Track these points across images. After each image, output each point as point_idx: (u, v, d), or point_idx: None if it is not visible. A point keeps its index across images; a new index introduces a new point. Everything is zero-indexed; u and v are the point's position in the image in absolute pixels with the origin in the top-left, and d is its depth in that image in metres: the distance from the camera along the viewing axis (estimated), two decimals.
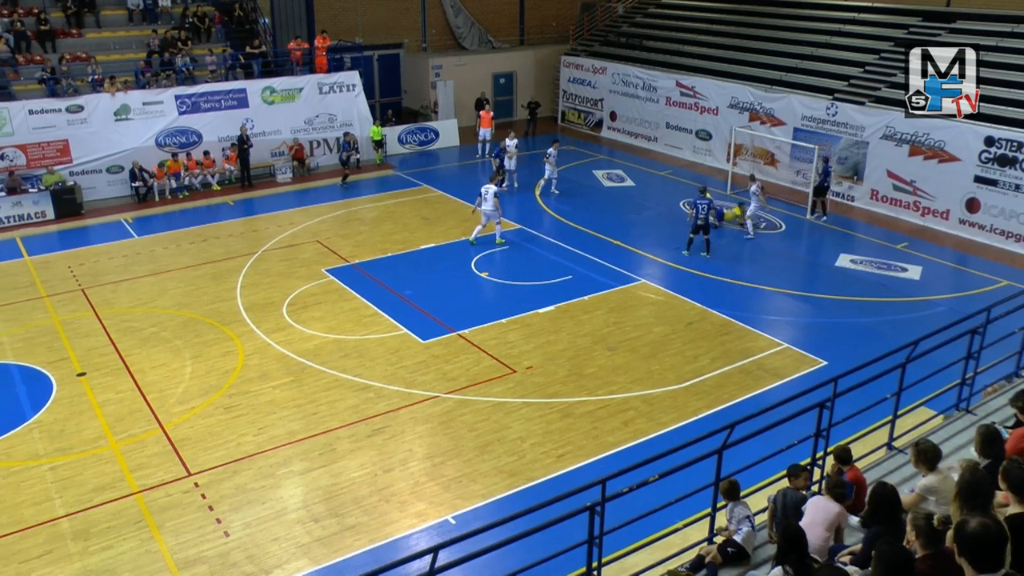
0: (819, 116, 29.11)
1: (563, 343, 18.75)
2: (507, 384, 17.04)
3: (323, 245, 24.48)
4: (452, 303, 20.64)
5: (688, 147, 34.23)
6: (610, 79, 37.27)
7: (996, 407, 11.20)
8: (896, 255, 24.19)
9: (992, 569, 4.41)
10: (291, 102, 31.60)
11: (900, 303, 20.88)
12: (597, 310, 20.41)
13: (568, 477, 13.86)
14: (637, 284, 21.94)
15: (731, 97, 32.12)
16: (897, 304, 20.83)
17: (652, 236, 24.89)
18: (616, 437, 15.21)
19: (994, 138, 24.53)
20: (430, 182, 30.94)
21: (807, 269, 23.45)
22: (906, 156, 26.65)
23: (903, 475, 9.72)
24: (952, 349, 11.14)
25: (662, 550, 9.23)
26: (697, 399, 16.53)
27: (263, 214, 27.53)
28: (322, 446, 14.98)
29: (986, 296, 19.99)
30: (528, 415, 15.95)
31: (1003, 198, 24.56)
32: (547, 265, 22.98)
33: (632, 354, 18.34)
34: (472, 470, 14.33)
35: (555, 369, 17.63)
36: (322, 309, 20.28)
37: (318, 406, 16.21)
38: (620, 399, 16.54)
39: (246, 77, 31.32)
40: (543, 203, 28.46)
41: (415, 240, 24.93)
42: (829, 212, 27.48)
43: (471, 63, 39.42)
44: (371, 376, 17.28)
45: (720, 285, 21.98)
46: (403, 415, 15.95)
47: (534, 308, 20.37)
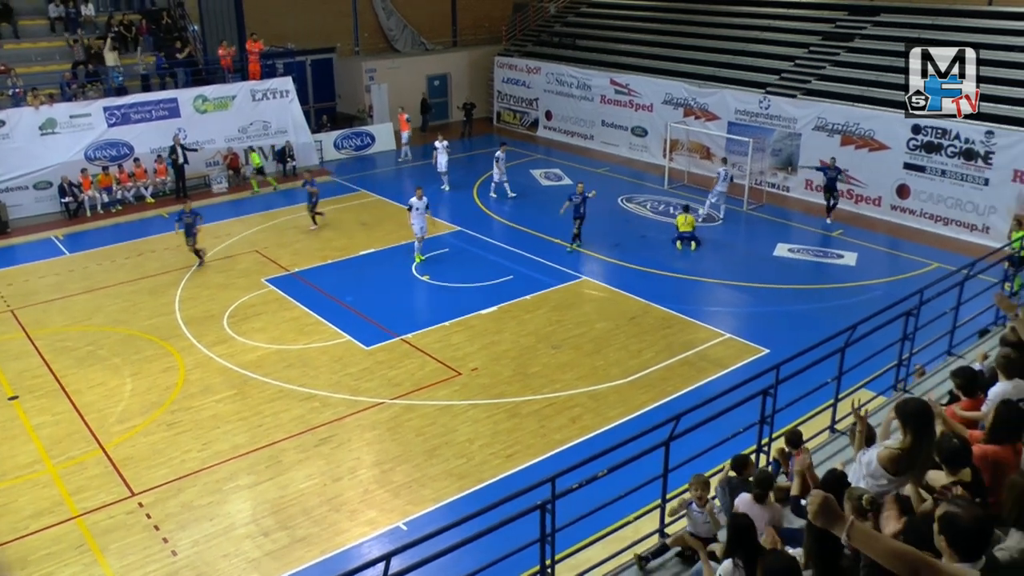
0: (752, 110, 29.53)
1: (507, 343, 18.76)
2: (453, 387, 17.00)
3: (262, 255, 24.18)
4: (394, 308, 20.53)
5: (624, 144, 34.48)
6: (544, 79, 37.40)
7: (931, 386, 11.46)
8: (832, 242, 24.66)
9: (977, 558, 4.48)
10: (224, 110, 31.15)
11: (837, 289, 21.28)
12: (539, 309, 20.46)
13: (518, 476, 13.88)
14: (578, 281, 22.04)
15: (665, 93, 32.43)
16: (835, 290, 21.22)
17: (591, 233, 25.01)
18: (564, 434, 15.27)
19: (920, 126, 25.14)
20: (368, 187, 30.74)
21: (746, 260, 23.77)
22: (838, 146, 27.16)
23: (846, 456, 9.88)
24: (888, 332, 11.37)
25: (615, 543, 9.26)
26: (642, 392, 16.65)
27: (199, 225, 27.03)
28: (268, 458, 14.80)
29: (919, 279, 20.42)
30: (475, 417, 15.93)
31: (931, 183, 25.18)
32: (488, 266, 22.99)
33: (576, 351, 18.42)
34: (421, 475, 14.27)
35: (500, 369, 17.64)
36: (263, 320, 20.03)
37: (263, 418, 16.01)
38: (566, 396, 16.60)
39: (177, 86, 30.80)
40: (481, 204, 28.46)
41: (354, 246, 24.75)
42: (765, 203, 27.92)
43: (405, 66, 39.27)
44: (315, 385, 17.12)
45: (661, 279, 22.18)
46: (349, 423, 15.82)
47: (476, 310, 20.35)
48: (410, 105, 38.90)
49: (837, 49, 29.79)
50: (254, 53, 31.70)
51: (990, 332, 13.17)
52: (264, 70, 32.28)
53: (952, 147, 24.52)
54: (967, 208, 24.50)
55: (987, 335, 13.10)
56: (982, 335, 13.26)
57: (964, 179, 24.46)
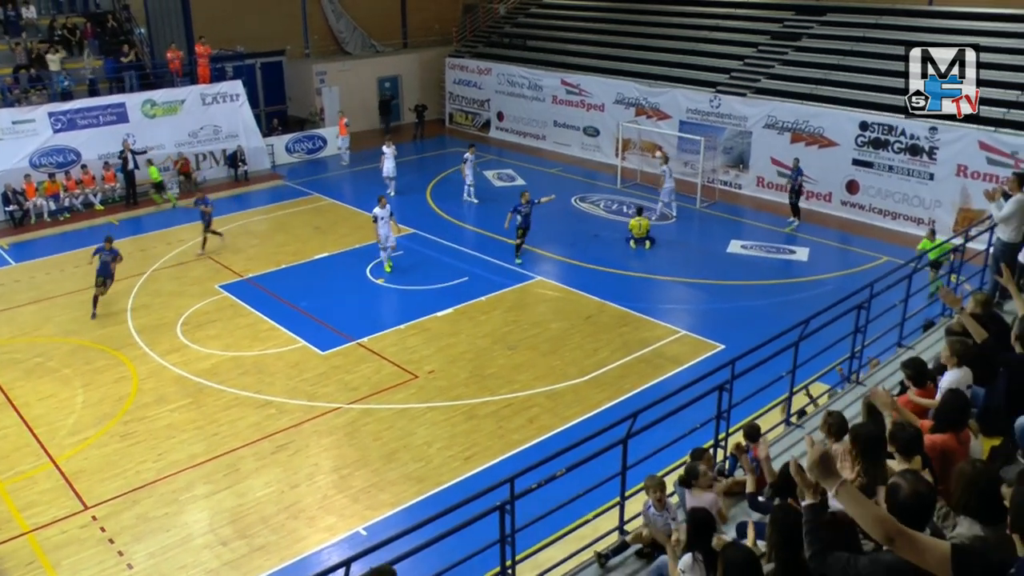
0: (703, 108, 29.81)
1: (463, 345, 18.76)
2: (410, 390, 16.96)
3: (215, 261, 23.92)
4: (349, 312, 20.44)
5: (576, 144, 34.62)
6: (496, 79, 37.43)
7: (883, 377, 11.66)
8: (784, 238, 24.99)
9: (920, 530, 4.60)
10: (173, 115, 30.75)
11: (790, 284, 21.57)
12: (495, 310, 20.49)
13: (477, 478, 13.88)
14: (533, 281, 22.10)
15: (616, 93, 32.62)
16: (788, 285, 21.52)
17: (545, 233, 25.09)
18: (522, 435, 15.30)
19: (868, 123, 25.60)
20: (320, 191, 30.54)
21: (700, 257, 24.00)
22: (788, 143, 27.53)
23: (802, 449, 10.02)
24: (841, 325, 11.55)
25: (574, 542, 9.30)
26: (599, 391, 16.74)
27: (151, 232, 26.73)
28: (225, 467, 14.65)
29: (869, 272, 20.77)
30: (433, 419, 15.91)
31: (879, 179, 25.64)
32: (442, 268, 22.95)
33: (532, 351, 18.47)
34: (380, 479, 14.23)
35: (457, 371, 17.63)
36: (217, 327, 19.83)
37: (219, 426, 15.84)
38: (523, 397, 16.64)
39: (124, 90, 30.34)
40: (435, 206, 28.41)
41: (308, 250, 24.59)
42: (718, 200, 28.22)
43: (355, 68, 39.07)
44: (272, 392, 16.98)
45: (616, 278, 22.31)
46: (306, 429, 15.72)
47: (432, 312, 20.33)
48: (362, 107, 38.77)
49: (785, 48, 30.19)
50: (203, 57, 31.35)
51: (935, 324, 13.41)
52: (213, 74, 31.95)
53: (898, 143, 24.99)
54: (914, 203, 24.98)
55: (932, 327, 13.35)
56: (927, 328, 13.50)
57: (910, 174, 24.92)
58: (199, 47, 31.52)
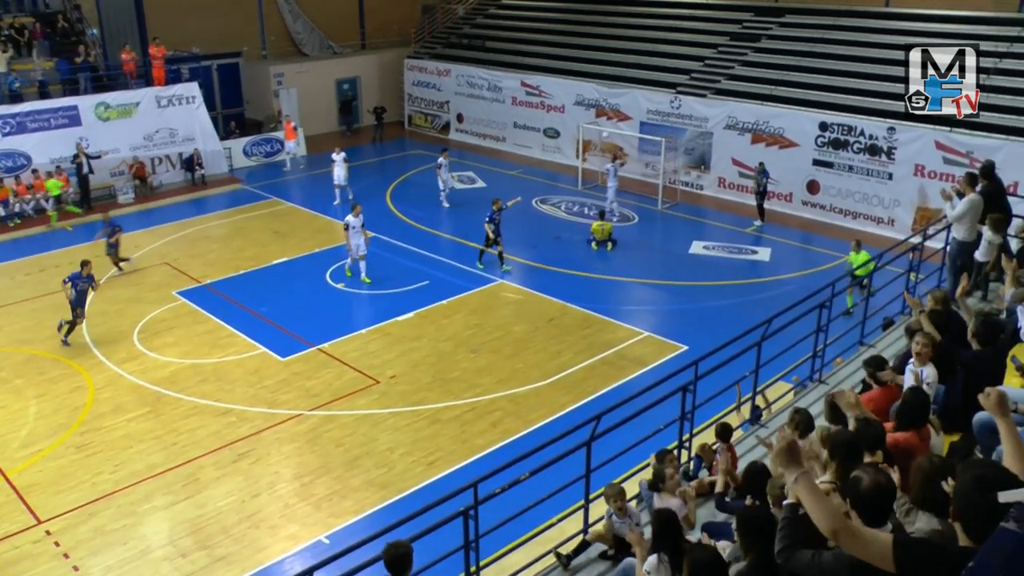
0: (664, 109, 30.00)
1: (425, 349, 18.72)
2: (372, 395, 16.89)
3: (172, 267, 23.66)
4: (310, 317, 20.31)
5: (537, 146, 34.70)
6: (455, 81, 37.41)
7: (845, 375, 11.81)
8: (746, 238, 25.23)
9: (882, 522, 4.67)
10: (128, 118, 30.36)
11: (753, 284, 21.78)
12: (457, 313, 20.47)
13: (440, 484, 13.85)
14: (495, 284, 22.11)
15: (576, 94, 32.73)
16: (750, 285, 21.72)
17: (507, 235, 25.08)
18: (485, 439, 15.30)
19: (827, 123, 25.92)
20: (279, 194, 30.34)
21: (662, 258, 24.15)
22: (749, 144, 27.78)
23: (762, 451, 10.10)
24: (803, 324, 11.68)
25: (539, 546, 9.32)
26: (563, 394, 16.79)
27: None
28: (185, 477, 14.49)
29: (830, 272, 21.03)
30: (395, 425, 15.86)
31: (839, 179, 25.96)
32: (403, 272, 22.88)
33: (495, 354, 18.47)
34: (342, 486, 14.15)
35: (419, 376, 17.59)
36: (175, 334, 19.61)
37: (178, 435, 15.67)
38: (487, 400, 16.64)
39: (76, 93, 29.90)
40: (395, 209, 28.32)
41: (268, 255, 24.40)
42: (679, 201, 28.41)
43: (313, 69, 38.83)
44: (231, 399, 16.82)
45: (578, 280, 22.38)
46: (267, 437, 15.59)
47: (393, 316, 20.27)
48: (320, 109, 38.56)
49: (745, 49, 30.47)
50: (158, 58, 31.01)
51: (895, 323, 13.60)
52: (169, 75, 31.62)
53: (857, 143, 25.32)
54: (873, 202, 25.32)
55: (892, 326, 13.54)
56: (887, 326, 13.68)
57: (870, 174, 25.26)
58: (153, 48, 31.16)
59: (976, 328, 8.86)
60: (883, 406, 8.13)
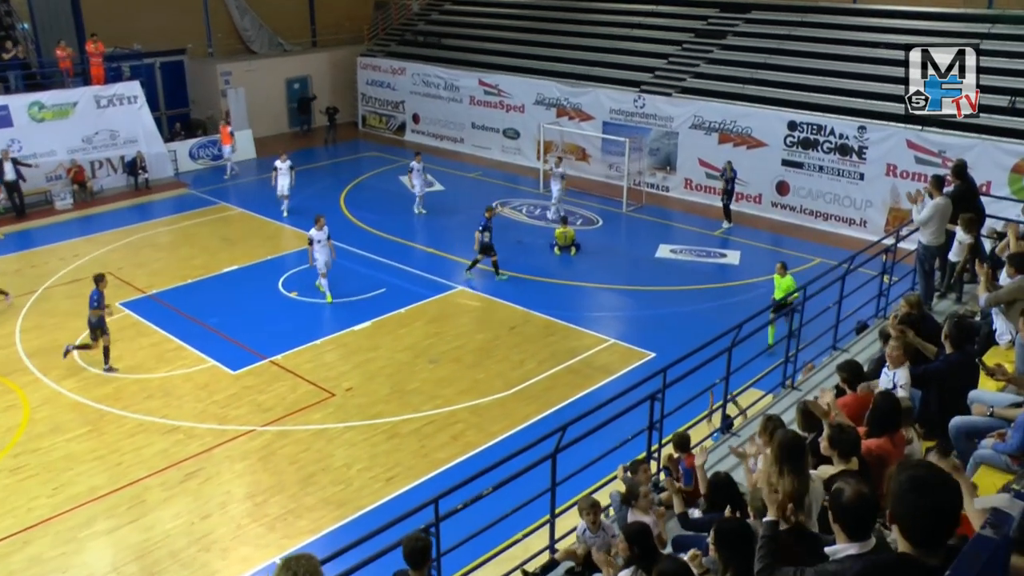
0: (627, 109, 30.19)
1: (383, 360, 18.66)
2: (327, 409, 16.81)
3: (115, 277, 23.28)
4: (261, 328, 20.15)
5: (496, 147, 34.76)
6: (410, 80, 37.36)
7: (818, 381, 11.95)
8: (714, 241, 25.45)
9: (866, 535, 4.71)
10: (64, 118, 29.90)
11: (722, 288, 21.97)
12: (415, 322, 20.44)
13: (400, 500, 13.81)
14: (455, 292, 22.11)
15: (537, 93, 32.83)
16: (719, 290, 21.91)
17: (466, 241, 25.10)
18: (446, 453, 15.28)
19: (796, 122, 26.22)
20: (228, 199, 30.10)
21: (627, 262, 24.28)
22: (716, 144, 28.03)
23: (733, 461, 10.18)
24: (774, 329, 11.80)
25: (504, 563, 9.33)
26: (527, 404, 16.81)
27: (42, 247, 25.94)
28: (130, 499, 14.29)
29: (801, 275, 21.23)
30: (352, 440, 15.79)
31: (809, 179, 26.26)
32: (358, 279, 22.78)
33: (456, 364, 18.46)
34: (297, 505, 14.05)
35: (376, 388, 17.53)
36: (119, 348, 19.33)
37: (122, 455, 15.46)
38: (447, 412, 16.62)
39: (7, 91, 29.41)
40: (349, 213, 28.22)
41: (216, 263, 24.19)
42: (645, 203, 28.58)
43: (262, 68, 38.59)
44: (179, 416, 16.65)
45: (540, 286, 22.45)
46: (218, 454, 15.45)
47: (349, 326, 20.18)
48: (270, 110, 38.31)
49: (710, 46, 30.75)
50: (96, 55, 30.57)
51: (868, 327, 13.79)
52: (109, 74, 31.21)
53: (827, 143, 25.63)
54: (845, 203, 25.65)
55: (866, 330, 13.73)
56: (860, 330, 13.86)
57: (840, 174, 25.59)
58: (91, 45, 30.69)
59: (949, 330, 9.02)
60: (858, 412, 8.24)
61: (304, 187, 29.34)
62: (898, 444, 7.57)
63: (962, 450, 7.94)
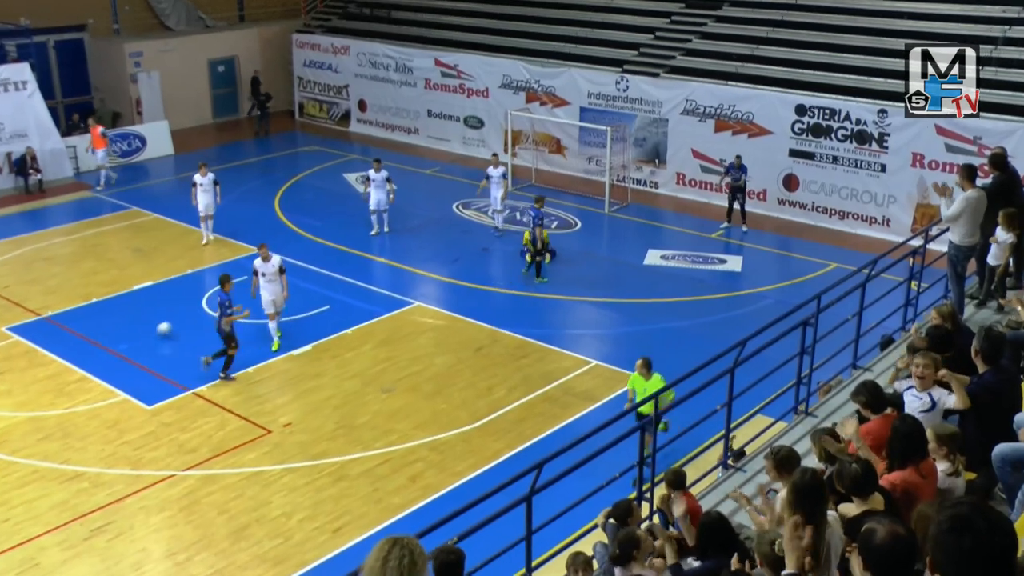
0: (608, 92, 30.33)
1: (327, 389, 18.61)
2: (262, 448, 16.72)
3: (1, 296, 23.15)
4: (182, 354, 20.00)
5: (457, 138, 34.84)
6: (355, 60, 37.37)
7: (837, 405, 12.00)
8: (712, 245, 25.56)
9: None
10: None
11: (722, 300, 22.10)
12: (365, 344, 20.40)
13: (349, 554, 13.74)
14: (411, 308, 22.08)
15: (503, 75, 32.93)
16: (719, 301, 22.03)
17: (424, 249, 25.14)
18: (403, 497, 15.24)
19: (806, 106, 26.38)
20: (140, 203, 29.90)
21: (612, 271, 24.36)
22: (712, 132, 28.21)
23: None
24: (784, 346, 11.84)
25: None
26: (496, 439, 16.81)
27: None
28: (20, 562, 14.10)
29: (815, 282, 21.38)
30: (292, 484, 15.70)
31: (822, 172, 26.46)
32: (298, 295, 22.58)
33: (413, 393, 18.44)
34: (228, 563, 13.95)
35: (320, 423, 17.47)
36: (7, 380, 19.16)
37: (11, 509, 15.27)
38: (404, 450, 16.58)
39: None
40: (285, 218, 28.13)
41: (127, 279, 24.02)
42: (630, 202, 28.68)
43: (181, 48, 38.36)
44: (83, 460, 16.49)
45: (510, 299, 22.48)
46: (131, 505, 15.31)
47: (287, 350, 20.11)
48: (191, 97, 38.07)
49: (703, 19, 30.94)
50: None
51: (895, 342, 13.85)
52: None
53: (843, 129, 25.83)
54: (864, 199, 25.85)
55: (891, 345, 13.79)
56: (885, 345, 13.91)
57: (858, 166, 25.81)
58: None
59: (980, 345, 9.05)
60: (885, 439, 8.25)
61: (231, 188, 29.18)
62: (927, 475, 7.58)
63: (1009, 483, 7.98)
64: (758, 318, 16.29)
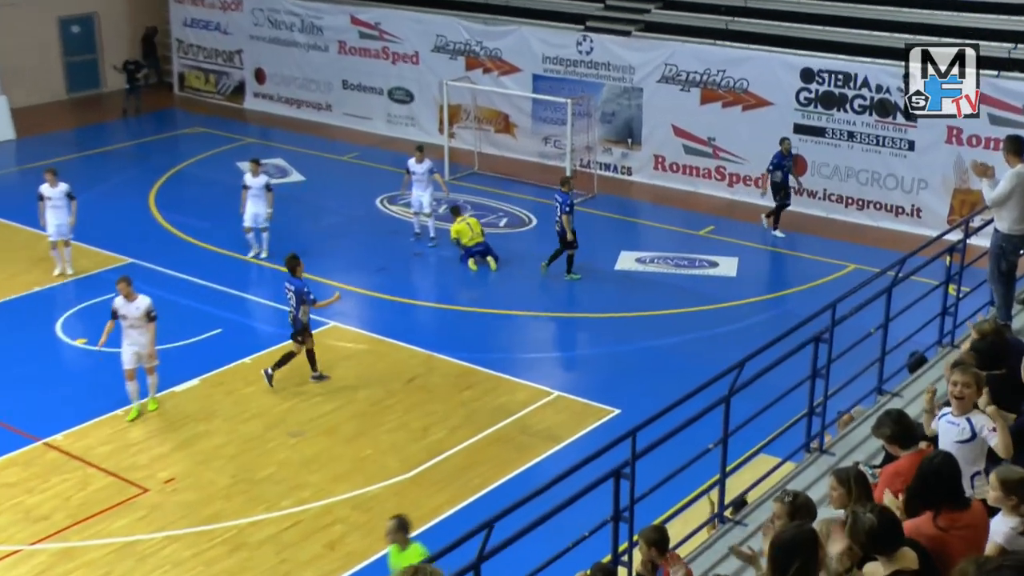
0: (568, 56, 30.42)
1: (220, 435, 18.52)
2: (137, 512, 16.59)
3: None
4: (31, 394, 19.83)
5: (380, 115, 34.87)
6: (250, 18, 37.23)
7: (858, 441, 12.07)
8: (700, 245, 25.70)
9: None
10: None
11: (714, 311, 22.21)
12: None
13: None
14: (325, 329, 22.01)
15: (436, 36, 32.98)
16: (710, 313, 22.14)
17: (339, 255, 25.09)
18: (319, 569, 15.21)
19: (813, 70, 26.56)
20: None
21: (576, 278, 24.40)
22: (698, 104, 28.38)
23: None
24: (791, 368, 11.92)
25: None
26: (436, 492, 16.81)
27: None
28: None
29: (829, 288, 21.56)
30: (176, 556, 15.60)
31: (834, 152, 26.68)
32: (180, 316, 22.49)
33: (328, 437, 18.40)
34: None
35: (212, 477, 17.37)
36: None
37: None
38: (319, 509, 16.53)
39: None
40: (162, 219, 27.95)
41: None
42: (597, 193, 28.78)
43: (24, 3, 37.97)
44: None
45: (450, 317, 22.53)
46: None
47: (167, 386, 19.94)
48: (37, 65, 37.65)
49: None
50: None
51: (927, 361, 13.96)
52: None
53: (860, 99, 26.01)
54: (888, 184, 26.11)
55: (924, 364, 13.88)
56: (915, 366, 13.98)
57: (880, 143, 26.06)
58: None
59: None
60: None
61: (94, 182, 28.97)
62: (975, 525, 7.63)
63: None
64: (759, 334, 16.44)
